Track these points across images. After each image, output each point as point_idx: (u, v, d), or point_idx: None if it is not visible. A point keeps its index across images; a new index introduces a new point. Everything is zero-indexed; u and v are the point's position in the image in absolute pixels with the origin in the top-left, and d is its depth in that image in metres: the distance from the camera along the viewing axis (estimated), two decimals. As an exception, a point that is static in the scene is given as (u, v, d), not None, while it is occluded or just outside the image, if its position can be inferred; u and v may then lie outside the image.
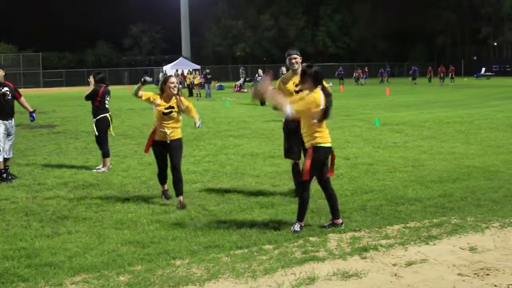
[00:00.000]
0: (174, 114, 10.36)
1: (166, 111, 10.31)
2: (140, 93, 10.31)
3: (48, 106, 35.42)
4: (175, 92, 10.36)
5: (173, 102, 10.36)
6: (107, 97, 14.30)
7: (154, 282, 6.54)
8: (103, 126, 14.28)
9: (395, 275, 6.64)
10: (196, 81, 55.16)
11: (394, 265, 6.98)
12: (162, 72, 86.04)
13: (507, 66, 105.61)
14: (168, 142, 10.42)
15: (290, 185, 11.41)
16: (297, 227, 8.50)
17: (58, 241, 8.24)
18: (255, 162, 14.74)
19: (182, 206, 10.07)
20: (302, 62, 10.31)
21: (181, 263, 7.16)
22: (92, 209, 10.17)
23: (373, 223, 8.82)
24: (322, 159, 8.55)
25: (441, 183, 11.57)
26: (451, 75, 73.42)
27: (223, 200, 10.57)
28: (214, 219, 9.25)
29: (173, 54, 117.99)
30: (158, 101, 10.35)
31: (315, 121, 8.36)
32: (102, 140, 14.33)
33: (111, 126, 14.42)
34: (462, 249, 7.54)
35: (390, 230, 8.47)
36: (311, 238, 8.11)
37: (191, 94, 54.28)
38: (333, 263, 7.08)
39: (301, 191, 8.65)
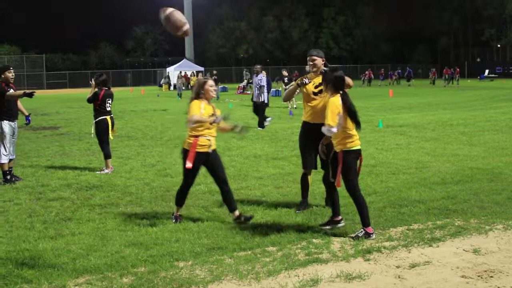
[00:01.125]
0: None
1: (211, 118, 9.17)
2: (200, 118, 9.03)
3: (52, 107, 35.42)
4: (215, 96, 9.49)
5: (212, 107, 9.34)
6: (108, 100, 14.28)
7: (157, 284, 6.55)
8: (101, 128, 14.25)
9: (399, 277, 6.63)
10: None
11: (398, 267, 6.97)
12: (166, 74, 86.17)
13: (511, 68, 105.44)
14: (210, 152, 9.39)
15: (294, 190, 11.38)
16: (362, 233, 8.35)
17: (62, 242, 8.24)
18: (258, 164, 14.74)
19: (248, 218, 9.25)
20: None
21: (185, 265, 7.17)
22: (96, 210, 10.18)
23: (377, 225, 8.81)
24: (352, 162, 8.39)
25: (444, 185, 11.56)
26: (457, 77, 73.32)
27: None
28: (217, 221, 9.25)
29: (177, 56, 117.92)
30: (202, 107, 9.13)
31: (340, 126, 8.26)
32: (102, 142, 14.33)
33: (109, 128, 14.33)
34: (466, 251, 7.54)
35: (393, 232, 8.46)
36: (314, 240, 8.11)
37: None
38: (337, 265, 7.08)
39: (352, 195, 8.53)
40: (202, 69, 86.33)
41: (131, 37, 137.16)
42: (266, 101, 25.19)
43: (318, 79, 9.63)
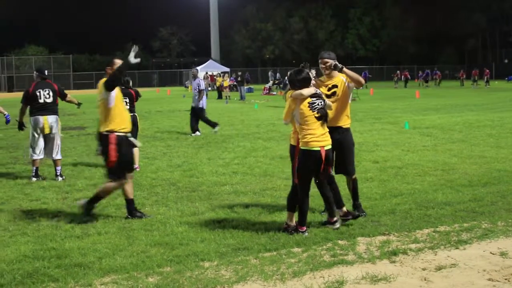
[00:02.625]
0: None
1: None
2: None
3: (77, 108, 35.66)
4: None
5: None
6: (124, 99, 14.08)
7: (182, 284, 6.56)
8: None
9: (425, 280, 6.59)
10: (226, 84, 55.23)
11: (424, 269, 6.93)
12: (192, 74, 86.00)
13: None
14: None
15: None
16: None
17: (88, 242, 8.29)
18: (284, 165, 14.72)
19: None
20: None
21: (210, 265, 7.18)
22: (122, 210, 10.22)
23: (403, 227, 8.77)
24: (307, 161, 8.49)
25: (471, 187, 11.48)
26: (486, 78, 72.65)
27: (251, 203, 10.56)
28: (243, 221, 9.25)
29: (202, 56, 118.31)
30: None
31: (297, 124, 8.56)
32: None
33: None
34: (493, 254, 7.47)
35: (419, 234, 8.41)
36: (340, 242, 8.09)
37: (220, 96, 54.41)
38: (362, 266, 7.05)
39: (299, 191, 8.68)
40: (228, 70, 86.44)
41: (157, 38, 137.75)
42: (204, 107, 23.13)
43: (331, 82, 9.55)
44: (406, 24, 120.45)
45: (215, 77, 67.90)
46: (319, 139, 8.44)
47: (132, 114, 14.32)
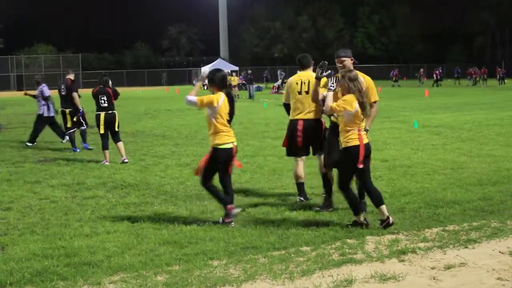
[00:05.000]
0: None
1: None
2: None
3: (87, 106, 35.63)
4: None
5: None
6: (102, 97, 15.81)
7: (191, 283, 6.56)
8: (96, 123, 15.90)
9: (434, 279, 6.58)
10: (234, 82, 55.23)
11: (433, 268, 6.92)
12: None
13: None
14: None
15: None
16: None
17: (97, 240, 8.31)
18: (292, 163, 14.69)
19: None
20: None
21: (219, 264, 7.18)
22: (131, 209, 10.25)
23: (412, 226, 8.75)
24: (221, 160, 9.20)
25: (480, 186, 11.44)
26: (499, 76, 72.28)
27: (260, 201, 10.57)
28: (251, 220, 9.25)
29: (211, 55, 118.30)
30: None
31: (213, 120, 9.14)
32: (100, 135, 15.86)
33: (101, 123, 15.72)
34: (502, 253, 7.45)
35: (428, 233, 8.39)
36: (348, 240, 8.08)
37: (229, 95, 54.37)
38: (371, 265, 7.04)
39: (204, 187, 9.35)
40: (236, 68, 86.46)
41: (166, 37, 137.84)
42: (50, 114, 21.04)
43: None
44: (415, 23, 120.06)
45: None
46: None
47: (110, 112, 15.72)
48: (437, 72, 73.61)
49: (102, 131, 15.68)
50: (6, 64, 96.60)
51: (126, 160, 15.53)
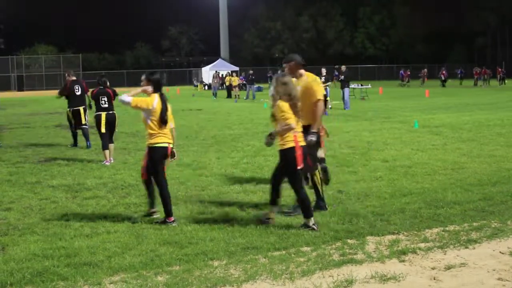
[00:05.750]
0: None
1: None
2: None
3: (88, 106, 35.85)
4: None
5: None
6: (103, 97, 16.07)
7: (191, 283, 6.57)
8: (96, 123, 16.04)
9: (434, 279, 6.59)
10: (235, 83, 55.24)
11: (433, 268, 6.92)
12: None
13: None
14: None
15: (329, 191, 11.31)
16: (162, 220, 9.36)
17: (97, 240, 8.31)
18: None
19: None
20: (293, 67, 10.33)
21: (219, 264, 7.18)
22: (131, 209, 10.25)
23: (412, 226, 8.75)
24: (157, 158, 9.48)
25: (481, 186, 11.44)
26: (499, 77, 72.24)
27: (261, 202, 10.56)
28: (252, 220, 9.25)
29: (212, 55, 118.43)
30: None
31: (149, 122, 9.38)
32: (100, 135, 16.06)
33: (102, 123, 15.92)
34: (502, 253, 7.46)
35: (429, 234, 8.40)
36: (349, 241, 8.08)
37: (229, 95, 54.44)
38: (371, 266, 7.04)
39: (159, 185, 9.58)
40: (237, 68, 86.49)
41: (167, 37, 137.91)
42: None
43: (297, 83, 9.80)
44: (415, 23, 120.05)
45: (224, 76, 67.88)
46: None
47: (111, 112, 16.02)
48: (444, 72, 73.48)
49: (103, 130, 15.81)
50: (6, 64, 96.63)
51: (112, 161, 15.73)
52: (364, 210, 9.72)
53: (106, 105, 16.00)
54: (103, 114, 15.88)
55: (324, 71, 36.21)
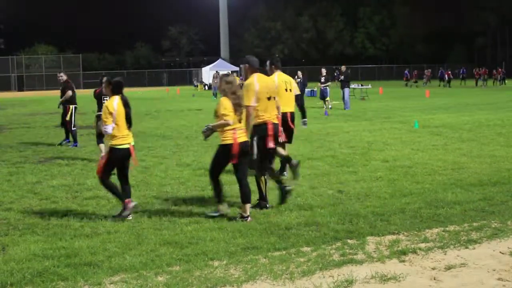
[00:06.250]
0: None
1: None
2: None
3: (88, 107, 35.71)
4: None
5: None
6: (104, 97, 15.74)
7: (192, 283, 6.57)
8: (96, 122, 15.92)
9: (434, 279, 6.58)
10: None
11: (433, 269, 6.92)
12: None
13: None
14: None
15: (330, 191, 11.32)
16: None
17: (97, 241, 8.31)
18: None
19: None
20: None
21: (219, 264, 7.18)
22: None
23: (412, 226, 8.75)
24: (116, 158, 9.80)
25: (481, 187, 11.44)
26: (500, 77, 72.18)
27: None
28: (252, 221, 9.25)
29: (212, 55, 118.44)
30: None
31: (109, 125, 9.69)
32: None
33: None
34: (503, 253, 7.46)
35: (429, 234, 8.39)
36: (349, 241, 8.08)
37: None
38: (372, 266, 7.04)
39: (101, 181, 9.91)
40: (237, 69, 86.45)
41: (167, 37, 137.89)
42: None
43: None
44: (415, 23, 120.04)
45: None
46: None
47: None
48: (449, 72, 73.41)
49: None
50: (6, 64, 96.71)
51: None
52: (364, 210, 9.71)
53: None
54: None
55: (324, 71, 36.16)
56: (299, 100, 13.28)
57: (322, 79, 35.26)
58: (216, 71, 72.22)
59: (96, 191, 11.79)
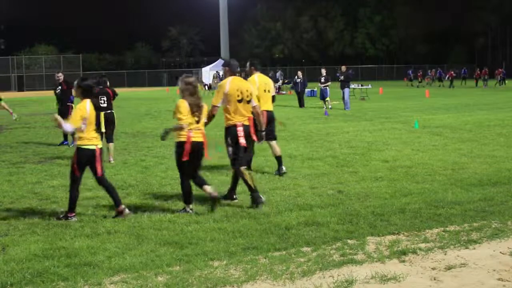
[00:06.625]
0: None
1: None
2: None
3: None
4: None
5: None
6: (102, 97, 16.08)
7: (192, 283, 6.57)
8: (96, 122, 15.76)
9: (434, 279, 6.58)
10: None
11: (433, 269, 6.92)
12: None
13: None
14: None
15: (330, 191, 11.31)
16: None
17: (97, 241, 8.31)
18: (293, 164, 14.72)
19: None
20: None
21: (219, 264, 7.18)
22: (131, 209, 10.23)
23: (412, 226, 8.75)
24: (83, 158, 9.81)
25: (481, 187, 11.44)
26: (499, 77, 72.17)
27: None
28: (252, 221, 9.25)
29: (212, 56, 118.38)
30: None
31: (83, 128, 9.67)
32: (100, 134, 15.92)
33: (101, 123, 15.64)
34: (503, 253, 7.46)
35: (429, 234, 8.39)
36: (349, 241, 8.08)
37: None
38: (372, 266, 7.04)
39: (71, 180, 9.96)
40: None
41: (167, 37, 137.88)
42: None
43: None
44: (415, 23, 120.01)
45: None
46: None
47: (109, 111, 16.14)
48: (452, 72, 73.28)
49: (103, 130, 15.76)
50: (6, 64, 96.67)
51: (112, 161, 15.71)
52: (364, 210, 9.71)
53: (105, 105, 16.05)
54: (102, 114, 15.81)
55: (324, 71, 36.24)
56: (273, 101, 13.90)
57: (322, 79, 35.32)
58: (216, 71, 72.35)
59: (96, 191, 11.77)
